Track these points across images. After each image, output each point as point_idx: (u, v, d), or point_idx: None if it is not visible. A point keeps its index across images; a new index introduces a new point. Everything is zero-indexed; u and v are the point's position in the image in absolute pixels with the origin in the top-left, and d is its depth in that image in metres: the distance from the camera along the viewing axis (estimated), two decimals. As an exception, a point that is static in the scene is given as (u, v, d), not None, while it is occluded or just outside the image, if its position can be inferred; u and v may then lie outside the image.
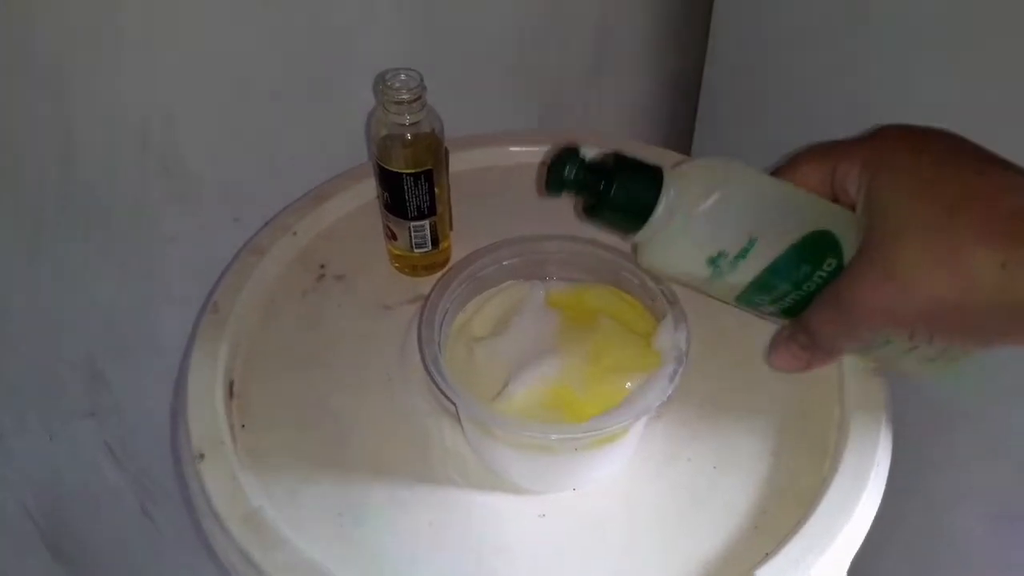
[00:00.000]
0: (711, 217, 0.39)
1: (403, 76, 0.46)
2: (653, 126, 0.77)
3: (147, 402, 0.71)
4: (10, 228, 0.57)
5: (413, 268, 0.54)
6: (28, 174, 0.55)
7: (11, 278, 0.60)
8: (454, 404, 0.44)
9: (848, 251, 0.39)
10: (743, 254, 0.39)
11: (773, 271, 0.40)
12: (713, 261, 0.39)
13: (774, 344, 0.42)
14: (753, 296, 0.41)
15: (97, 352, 0.67)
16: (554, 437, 0.39)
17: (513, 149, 0.62)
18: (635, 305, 0.46)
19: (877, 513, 0.42)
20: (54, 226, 0.58)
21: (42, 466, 0.72)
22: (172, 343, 0.66)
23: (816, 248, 0.40)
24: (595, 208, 0.40)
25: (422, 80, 0.46)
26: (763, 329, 0.46)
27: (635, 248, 0.43)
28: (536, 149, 0.62)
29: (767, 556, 0.39)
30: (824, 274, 0.40)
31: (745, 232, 0.39)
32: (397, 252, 0.53)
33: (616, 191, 0.39)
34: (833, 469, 0.43)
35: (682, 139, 0.78)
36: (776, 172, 0.41)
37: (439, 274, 0.54)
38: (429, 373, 0.41)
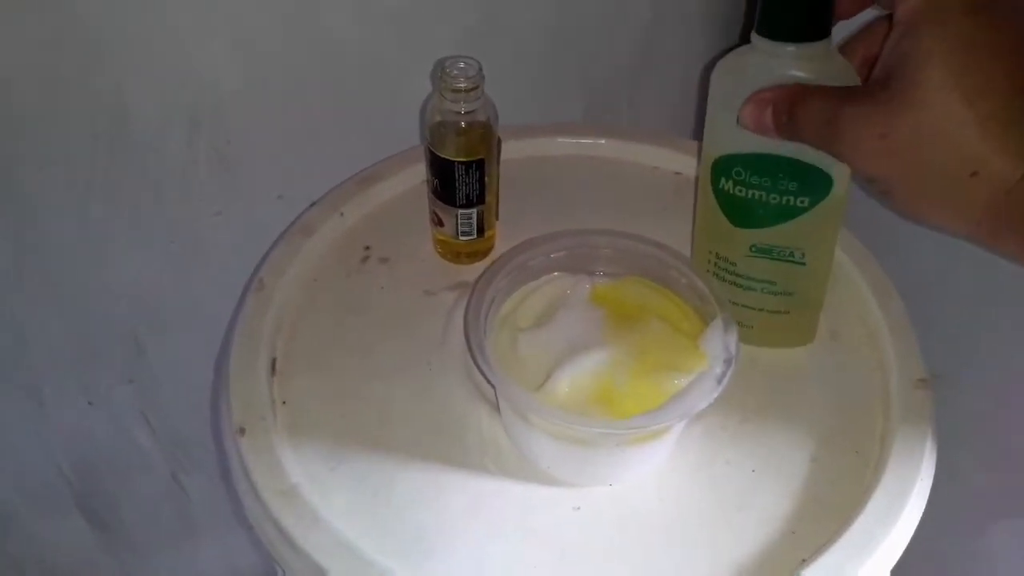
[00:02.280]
0: None
1: (462, 64, 0.46)
2: (699, 121, 0.76)
3: (184, 374, 0.72)
4: (60, 197, 0.58)
5: (456, 255, 0.54)
6: (80, 147, 0.56)
7: (58, 246, 0.61)
8: (496, 392, 0.44)
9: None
10: None
11: None
12: None
13: (752, 97, 0.40)
14: None
15: (139, 322, 0.68)
16: (597, 431, 0.39)
17: (561, 140, 0.62)
18: (681, 305, 0.45)
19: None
20: (102, 197, 0.59)
21: (79, 432, 0.73)
22: (211, 316, 0.67)
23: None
24: None
25: (481, 70, 0.46)
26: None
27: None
28: (585, 141, 0.62)
29: (803, 563, 0.39)
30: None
31: None
32: (442, 238, 0.53)
33: None
34: (875, 480, 0.42)
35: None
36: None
37: (482, 262, 0.54)
38: (474, 359, 0.41)
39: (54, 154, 0.56)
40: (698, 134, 0.76)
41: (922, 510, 0.42)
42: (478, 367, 0.41)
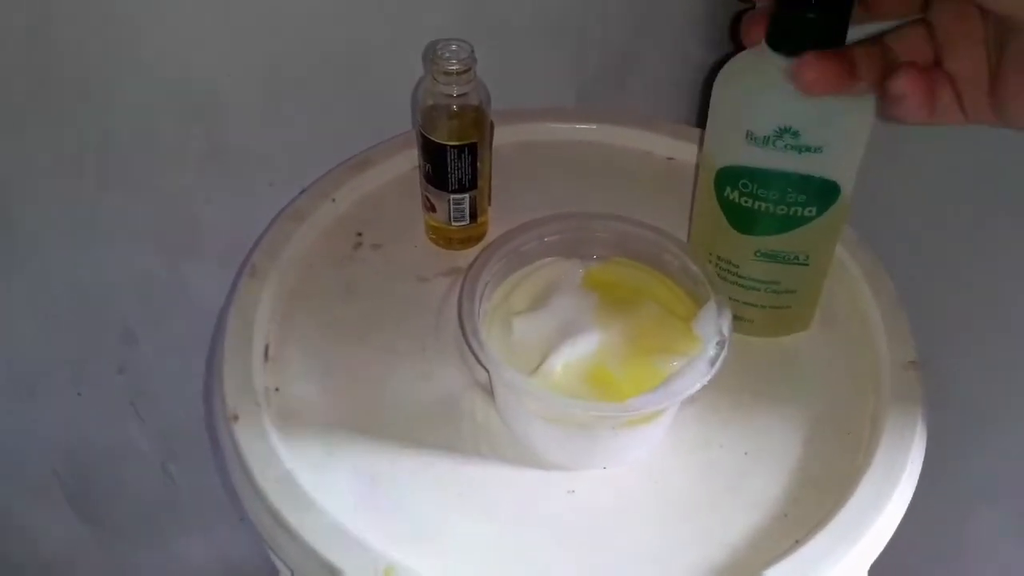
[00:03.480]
0: None
1: (454, 46, 0.45)
2: (692, 108, 0.76)
3: (175, 363, 0.72)
4: (51, 185, 0.58)
5: (449, 241, 0.54)
6: (70, 133, 0.56)
7: (48, 235, 0.60)
8: (490, 377, 0.44)
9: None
10: None
11: None
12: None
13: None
14: None
15: (129, 312, 0.68)
16: (591, 414, 0.39)
17: (553, 125, 0.62)
18: (674, 288, 0.46)
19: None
20: (93, 185, 0.59)
21: (69, 422, 0.73)
22: (202, 305, 0.67)
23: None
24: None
25: (472, 52, 0.46)
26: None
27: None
28: (578, 126, 0.61)
29: (796, 544, 0.39)
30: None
31: None
32: (434, 224, 0.53)
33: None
34: (866, 461, 0.42)
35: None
36: None
37: (475, 248, 0.54)
38: (468, 344, 0.41)
39: (44, 142, 0.55)
40: (691, 119, 0.77)
41: (913, 490, 0.42)
42: (472, 352, 0.41)
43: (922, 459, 0.44)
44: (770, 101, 0.40)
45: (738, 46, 0.41)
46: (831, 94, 0.36)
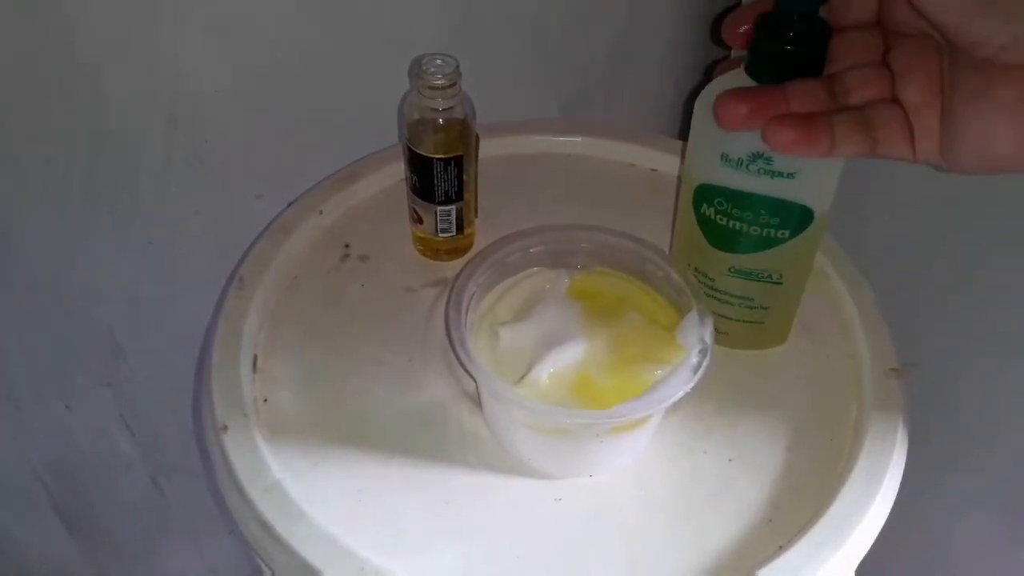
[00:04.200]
0: None
1: (439, 61, 0.46)
2: (676, 121, 0.77)
3: (163, 375, 0.72)
4: (37, 198, 0.58)
5: (436, 252, 0.54)
6: (57, 147, 0.56)
7: (35, 247, 0.60)
8: (477, 386, 0.44)
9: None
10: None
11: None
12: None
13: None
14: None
15: (117, 324, 0.68)
16: (577, 422, 0.40)
17: (537, 138, 0.62)
18: (658, 298, 0.46)
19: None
20: (79, 197, 0.59)
21: (57, 435, 0.72)
22: (190, 317, 0.67)
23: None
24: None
25: (458, 67, 0.46)
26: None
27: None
28: (562, 139, 0.62)
29: (780, 550, 0.40)
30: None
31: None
32: (421, 235, 0.54)
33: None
34: (848, 468, 0.43)
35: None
36: None
37: (461, 259, 0.54)
38: (456, 354, 0.41)
39: (30, 154, 0.56)
40: (674, 131, 0.78)
41: (895, 495, 0.43)
42: (460, 362, 0.41)
43: (903, 465, 0.44)
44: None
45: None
46: (747, 130, 0.36)
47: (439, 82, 0.46)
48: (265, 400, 0.46)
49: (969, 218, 0.57)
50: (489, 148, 0.57)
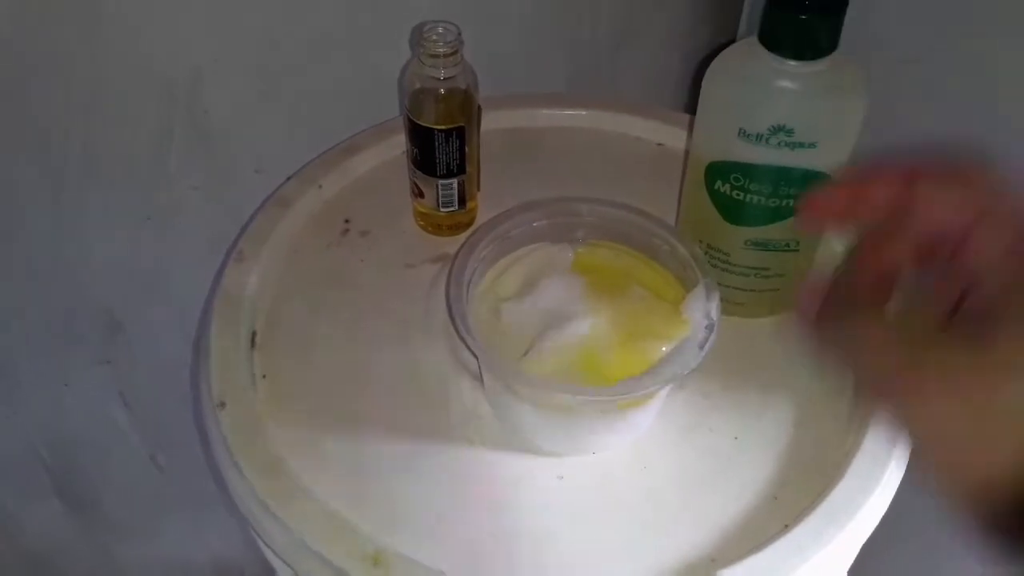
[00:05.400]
0: None
1: (440, 29, 0.45)
2: (682, 95, 0.76)
3: (162, 352, 0.71)
4: (35, 175, 0.57)
5: (438, 227, 0.53)
6: (54, 122, 0.55)
7: (34, 224, 0.60)
8: (479, 362, 0.43)
9: None
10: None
11: None
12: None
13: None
14: None
15: (115, 300, 0.67)
16: (581, 398, 0.39)
17: (543, 111, 0.61)
18: (663, 272, 0.45)
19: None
20: (78, 174, 0.58)
21: (55, 413, 0.72)
22: (189, 293, 0.66)
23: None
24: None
25: (460, 34, 0.45)
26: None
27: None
28: (568, 112, 0.61)
29: (786, 527, 0.39)
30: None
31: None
32: (423, 210, 0.53)
33: None
34: (856, 445, 0.42)
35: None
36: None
37: (463, 234, 0.54)
38: (457, 331, 0.40)
39: (27, 129, 0.55)
40: (680, 105, 0.77)
41: (902, 474, 0.42)
42: (461, 338, 0.40)
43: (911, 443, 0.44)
44: (764, 100, 0.40)
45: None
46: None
47: (440, 50, 0.45)
48: (264, 376, 0.46)
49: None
50: (493, 121, 0.56)
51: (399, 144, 0.56)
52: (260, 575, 0.97)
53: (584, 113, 0.62)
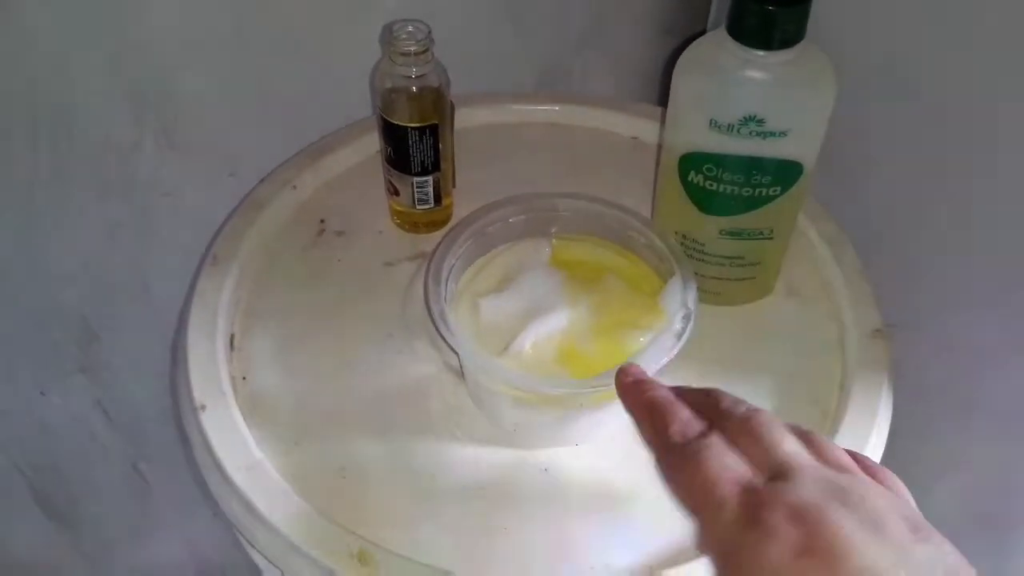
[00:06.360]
0: None
1: (410, 28, 0.45)
2: (653, 88, 0.76)
3: (139, 359, 0.71)
4: (4, 182, 0.56)
5: (414, 225, 0.53)
6: (22, 130, 0.54)
7: (5, 233, 0.59)
8: (459, 359, 0.44)
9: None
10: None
11: None
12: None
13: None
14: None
15: (89, 308, 0.66)
16: (561, 391, 0.39)
17: (515, 107, 0.62)
18: (640, 264, 0.46)
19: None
20: (48, 181, 0.57)
21: (33, 423, 0.71)
22: (165, 300, 0.66)
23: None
24: None
25: (430, 33, 0.45)
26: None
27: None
28: (540, 108, 0.61)
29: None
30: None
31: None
32: (399, 208, 0.53)
33: None
34: (834, 428, 0.43)
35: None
36: None
37: (440, 231, 0.54)
38: (436, 327, 0.40)
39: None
40: (651, 98, 0.77)
41: (880, 456, 0.43)
42: (440, 335, 0.41)
43: (888, 424, 0.44)
44: (734, 91, 0.40)
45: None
46: None
47: (411, 48, 0.45)
48: (244, 378, 0.45)
49: (955, 175, 0.56)
50: (465, 118, 0.56)
51: (372, 143, 0.56)
52: (245, 580, 0.97)
53: (557, 108, 0.62)
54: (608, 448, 0.44)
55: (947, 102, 0.52)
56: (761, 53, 0.39)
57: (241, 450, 0.41)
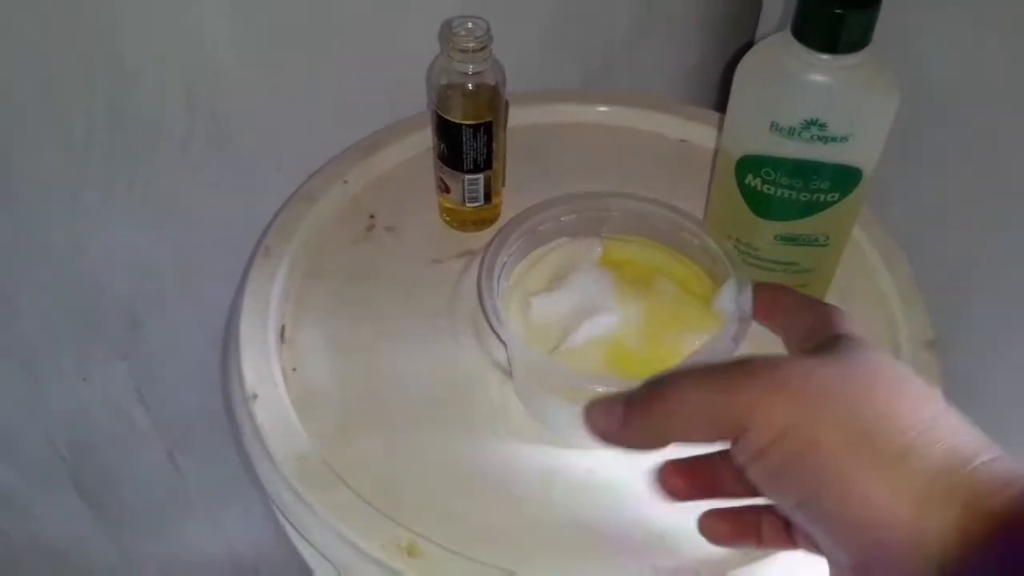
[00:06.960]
0: None
1: (470, 24, 0.45)
2: (701, 89, 0.76)
3: (181, 349, 0.71)
4: (56, 172, 0.57)
5: (463, 222, 0.54)
6: (75, 119, 0.55)
7: (55, 221, 0.60)
8: (510, 356, 0.44)
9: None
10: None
11: None
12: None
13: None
14: None
15: (135, 297, 0.67)
16: (613, 391, 0.39)
17: (563, 107, 0.62)
18: (692, 267, 0.45)
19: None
20: (99, 171, 0.58)
21: (74, 407, 0.72)
22: (208, 292, 0.66)
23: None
24: None
25: (489, 30, 0.45)
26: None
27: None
28: (588, 108, 0.61)
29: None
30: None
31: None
32: (448, 205, 0.53)
33: None
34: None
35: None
36: None
37: (488, 230, 0.54)
38: (489, 323, 0.40)
39: (50, 127, 0.55)
40: (698, 102, 0.77)
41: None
42: (494, 330, 0.41)
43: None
44: (797, 94, 0.40)
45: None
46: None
47: (470, 45, 0.45)
48: (294, 369, 0.46)
49: (1014, 190, 0.56)
50: (517, 117, 0.56)
51: (422, 140, 0.56)
52: (275, 571, 0.98)
53: (607, 109, 0.62)
54: (656, 451, 0.43)
55: (998, 113, 0.51)
56: (826, 57, 0.39)
57: (292, 439, 0.42)
